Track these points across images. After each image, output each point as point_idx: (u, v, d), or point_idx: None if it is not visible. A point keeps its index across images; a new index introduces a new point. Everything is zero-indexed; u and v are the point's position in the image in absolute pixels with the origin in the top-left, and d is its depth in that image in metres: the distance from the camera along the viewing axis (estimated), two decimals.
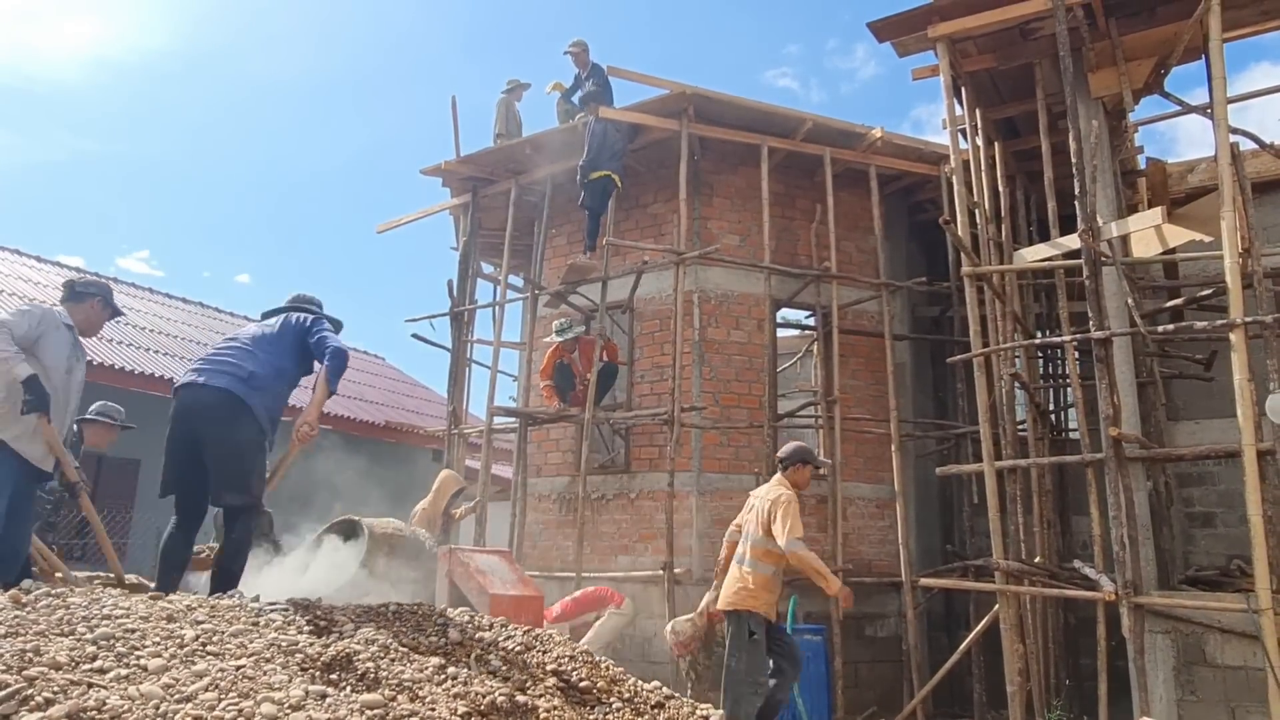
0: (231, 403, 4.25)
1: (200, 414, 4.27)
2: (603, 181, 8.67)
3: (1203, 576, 6.86)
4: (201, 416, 4.27)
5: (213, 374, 4.34)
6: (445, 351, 10.47)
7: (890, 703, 8.04)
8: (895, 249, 9.96)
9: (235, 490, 4.30)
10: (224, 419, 4.25)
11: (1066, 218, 7.14)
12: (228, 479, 4.29)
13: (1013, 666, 6.05)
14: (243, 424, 4.27)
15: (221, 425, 4.25)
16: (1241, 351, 5.40)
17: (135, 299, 15.18)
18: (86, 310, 4.73)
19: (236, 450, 4.28)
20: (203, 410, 4.27)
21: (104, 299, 4.82)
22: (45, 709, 2.03)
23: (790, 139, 9.02)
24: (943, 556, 9.25)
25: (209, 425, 4.26)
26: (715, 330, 8.86)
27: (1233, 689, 5.52)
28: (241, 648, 2.73)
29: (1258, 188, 7.56)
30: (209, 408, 4.26)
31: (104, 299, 4.82)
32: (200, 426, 4.28)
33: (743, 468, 8.52)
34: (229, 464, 4.29)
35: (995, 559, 6.26)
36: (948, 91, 7.24)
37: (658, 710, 3.51)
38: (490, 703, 2.83)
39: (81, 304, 4.72)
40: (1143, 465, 6.37)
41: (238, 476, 4.28)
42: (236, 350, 4.46)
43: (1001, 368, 7.07)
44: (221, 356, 4.44)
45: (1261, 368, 5.90)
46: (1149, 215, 6.65)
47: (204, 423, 4.26)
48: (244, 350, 4.46)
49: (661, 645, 7.84)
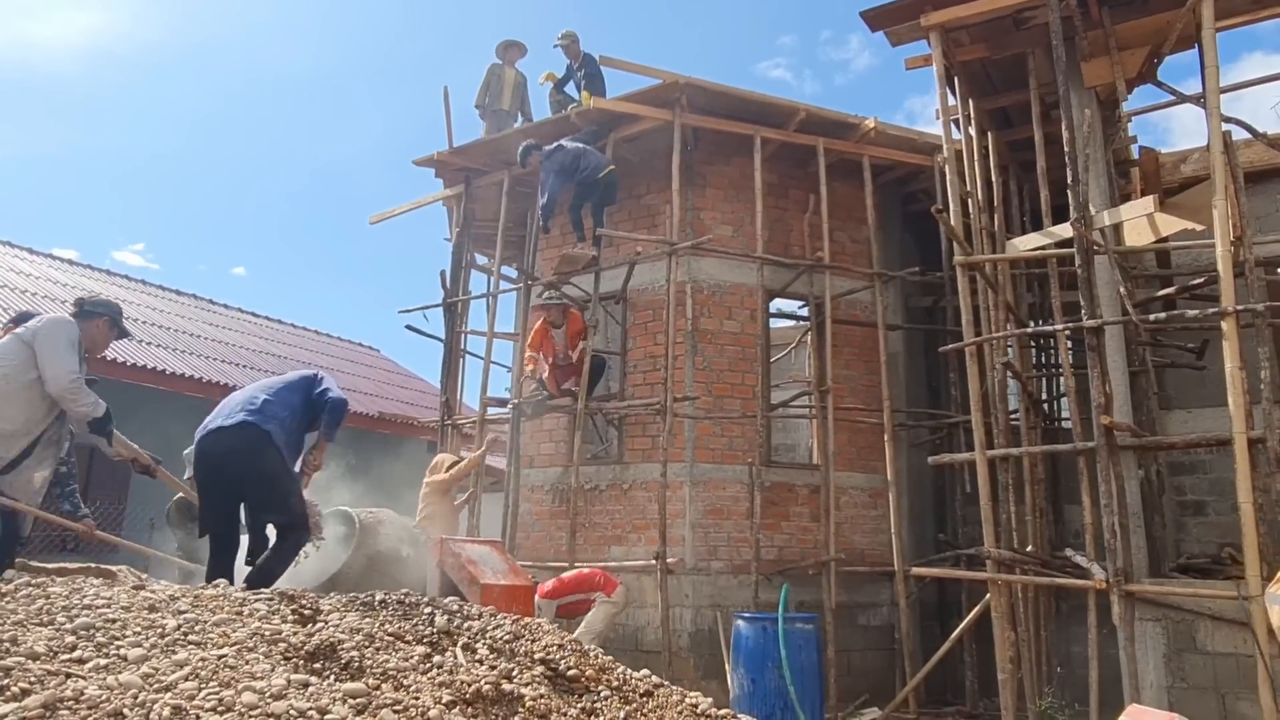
0: (251, 433, 4.47)
1: (226, 454, 4.48)
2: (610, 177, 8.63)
3: (1194, 564, 6.87)
4: (228, 455, 4.48)
5: (228, 415, 4.58)
6: (439, 343, 10.45)
7: (883, 691, 8.07)
8: (888, 239, 9.95)
9: (278, 511, 4.55)
10: (248, 451, 4.46)
11: (1059, 207, 7.12)
12: (268, 504, 4.56)
13: (1004, 654, 6.06)
14: (266, 451, 4.48)
15: (247, 458, 4.46)
16: (1233, 340, 5.40)
17: (129, 291, 15.13)
18: (93, 329, 4.74)
19: (267, 476, 4.50)
20: (228, 448, 4.48)
21: (111, 319, 4.84)
22: (21, 699, 2.01)
23: (783, 129, 8.99)
24: (935, 546, 9.26)
25: (236, 461, 4.47)
26: (708, 321, 8.84)
27: (1223, 676, 5.53)
28: (224, 637, 2.71)
29: (1250, 177, 7.55)
30: (232, 444, 4.47)
31: (111, 319, 4.84)
32: (228, 464, 4.49)
33: (736, 458, 8.52)
34: (265, 491, 4.53)
35: (987, 548, 6.26)
36: (941, 81, 7.21)
37: (646, 698, 3.51)
38: (476, 691, 2.82)
39: (89, 322, 4.72)
40: (1134, 454, 6.37)
41: (277, 499, 4.54)
42: (248, 393, 4.76)
43: (994, 357, 7.07)
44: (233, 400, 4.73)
45: (1253, 356, 5.90)
46: (1141, 204, 6.64)
47: (231, 459, 4.48)
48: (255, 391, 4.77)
49: (654, 635, 7.86)
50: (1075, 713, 6.86)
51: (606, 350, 9.37)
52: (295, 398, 4.75)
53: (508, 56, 10.46)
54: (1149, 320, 6.41)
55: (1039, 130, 7.28)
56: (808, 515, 8.70)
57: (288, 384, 4.83)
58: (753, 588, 7.96)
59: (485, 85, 10.31)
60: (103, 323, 4.77)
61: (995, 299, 7.32)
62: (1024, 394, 7.72)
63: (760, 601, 7.82)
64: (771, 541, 8.41)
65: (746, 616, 6.92)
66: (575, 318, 8.76)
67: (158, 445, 7.38)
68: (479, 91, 10.34)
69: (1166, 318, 6.53)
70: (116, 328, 4.86)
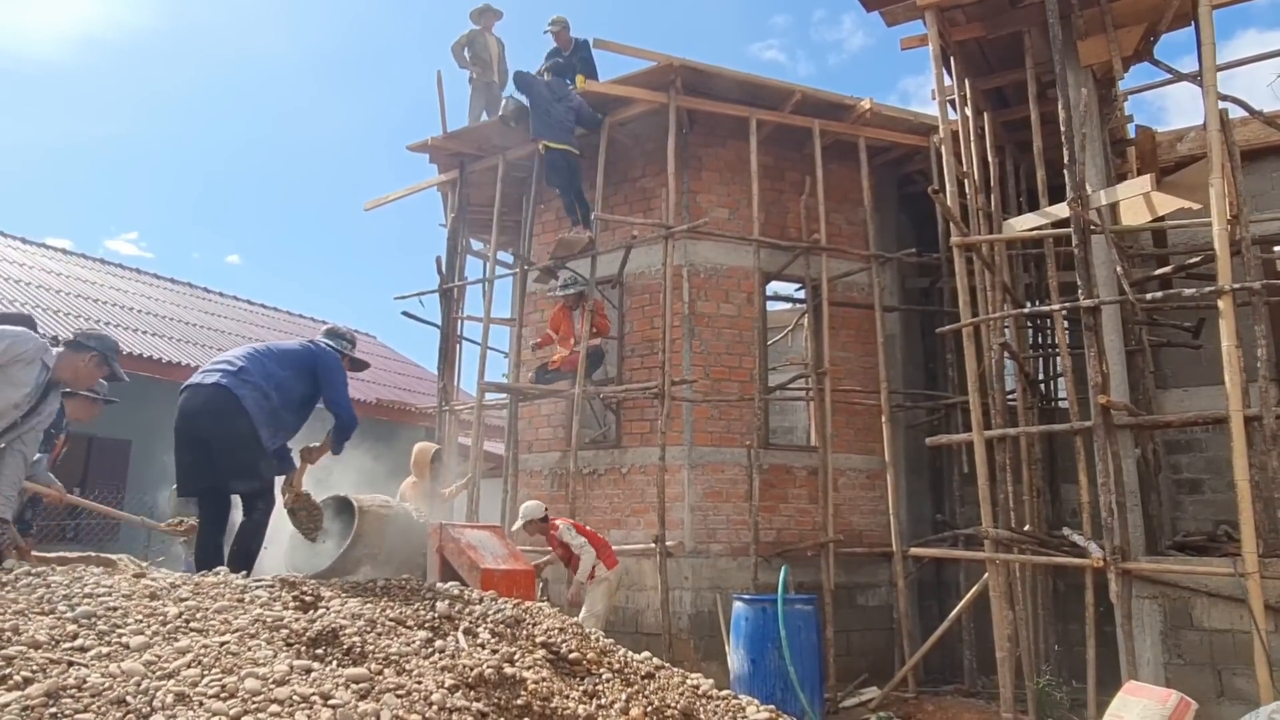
0: (222, 397, 4.42)
1: (198, 412, 4.44)
2: (554, 156, 8.66)
3: (1190, 542, 6.91)
4: (199, 414, 4.43)
5: (208, 373, 4.54)
6: (435, 329, 10.43)
7: (882, 670, 8.12)
8: (885, 221, 9.93)
9: (245, 478, 4.51)
10: (218, 413, 4.42)
11: (1056, 187, 7.10)
12: (233, 470, 4.49)
13: (1002, 633, 6.09)
14: (236, 417, 4.42)
15: (217, 420, 4.42)
16: (1229, 318, 5.40)
17: (123, 280, 15.07)
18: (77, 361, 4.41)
19: (235, 441, 4.44)
20: (200, 408, 4.43)
21: (102, 355, 4.47)
22: (23, 687, 2.02)
23: (779, 111, 8.95)
24: (933, 526, 9.30)
25: (207, 421, 4.42)
26: (705, 304, 8.83)
27: (1219, 652, 5.57)
28: (226, 624, 2.72)
29: (1246, 155, 7.54)
30: (203, 404, 4.43)
31: (102, 355, 4.47)
32: (200, 424, 4.44)
33: (734, 441, 8.53)
34: (235, 454, 4.47)
35: (984, 528, 6.29)
36: (936, 61, 7.18)
37: (648, 680, 3.53)
38: (478, 675, 2.83)
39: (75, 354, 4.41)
40: (1131, 433, 6.39)
41: (244, 465, 4.48)
42: (239, 353, 4.69)
43: (991, 338, 7.07)
44: (222, 358, 4.65)
45: (1249, 335, 5.92)
46: (1137, 183, 6.63)
47: (202, 419, 4.43)
48: (245, 353, 4.69)
49: (654, 618, 7.89)
50: (1073, 690, 6.92)
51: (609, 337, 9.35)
52: (284, 372, 4.65)
53: (484, 22, 10.21)
54: (1145, 299, 6.42)
55: (1035, 110, 7.26)
56: (806, 497, 8.72)
57: (281, 355, 4.73)
58: (752, 570, 7.99)
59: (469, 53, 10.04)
60: (90, 357, 4.44)
61: (992, 279, 7.32)
62: (1021, 374, 7.73)
63: (759, 583, 7.86)
64: (770, 524, 8.43)
65: (746, 598, 6.95)
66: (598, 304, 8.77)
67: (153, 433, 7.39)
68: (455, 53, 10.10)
69: (1163, 297, 6.54)
70: (106, 366, 4.51)
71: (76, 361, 4.43)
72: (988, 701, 7.23)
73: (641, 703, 3.20)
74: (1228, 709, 5.26)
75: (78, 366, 4.44)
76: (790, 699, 6.25)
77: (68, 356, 4.42)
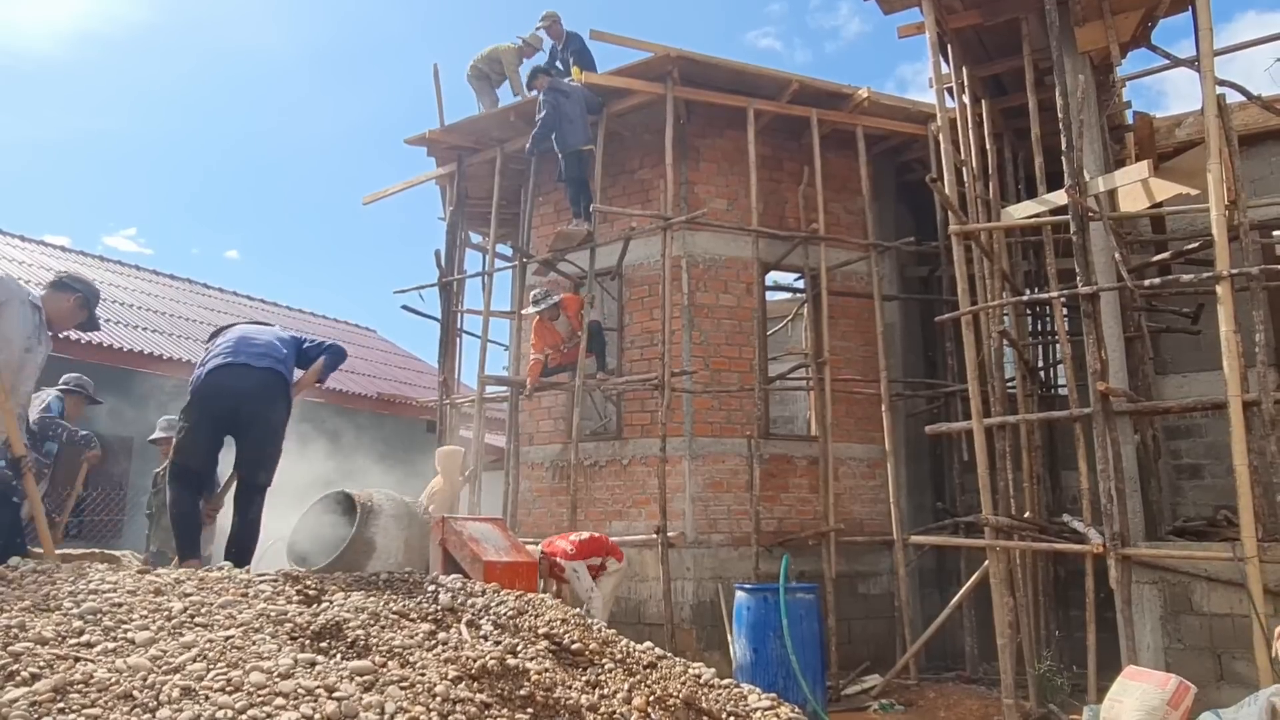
0: (277, 382, 4.49)
1: (246, 393, 4.43)
2: (584, 156, 8.66)
3: (1190, 527, 6.93)
4: (248, 395, 4.43)
5: (256, 357, 4.53)
6: (435, 322, 10.45)
7: (884, 658, 8.16)
8: (883, 209, 9.92)
9: (267, 469, 4.52)
10: (269, 398, 4.46)
11: (1054, 174, 7.10)
12: (264, 458, 4.50)
13: (1003, 620, 6.12)
14: (281, 404, 4.51)
15: (267, 404, 4.45)
16: (1227, 304, 5.41)
17: (122, 277, 15.06)
18: (61, 302, 4.53)
19: (274, 428, 4.51)
20: (250, 389, 4.43)
21: (84, 298, 4.60)
22: (31, 684, 2.04)
23: (776, 101, 8.94)
24: (934, 514, 9.33)
25: (257, 404, 4.43)
26: (704, 295, 8.84)
27: (1219, 636, 5.60)
28: (230, 619, 2.74)
29: (1244, 140, 7.54)
30: (256, 387, 4.43)
31: (84, 298, 4.60)
32: (245, 404, 4.43)
33: (734, 431, 8.55)
34: (268, 443, 4.50)
35: (985, 515, 6.31)
36: (933, 49, 7.17)
37: (650, 670, 3.55)
38: (481, 666, 2.85)
39: (59, 294, 4.54)
40: (1130, 419, 6.41)
41: (272, 456, 4.52)
42: (269, 340, 4.71)
43: (990, 326, 7.08)
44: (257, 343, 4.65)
45: (1248, 320, 5.92)
46: (1135, 169, 6.62)
47: (250, 399, 4.42)
48: (276, 340, 4.74)
49: (656, 608, 7.93)
50: (1074, 676, 6.96)
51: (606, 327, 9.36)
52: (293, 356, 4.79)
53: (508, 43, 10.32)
54: (1144, 286, 6.42)
55: (1033, 97, 7.25)
56: (807, 486, 8.74)
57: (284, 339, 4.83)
58: (753, 559, 8.02)
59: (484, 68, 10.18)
60: (73, 299, 4.55)
61: (991, 267, 7.32)
62: (1020, 362, 7.74)
63: (761, 573, 7.89)
64: (771, 513, 8.46)
65: (747, 588, 6.98)
66: (570, 302, 8.69)
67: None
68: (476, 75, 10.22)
69: (1161, 283, 6.55)
70: (86, 309, 4.64)
71: (60, 301, 4.53)
72: (989, 688, 7.27)
73: (644, 692, 3.22)
74: (1227, 692, 5.28)
75: (61, 306, 4.53)
76: (792, 687, 6.29)
77: (52, 296, 4.51)
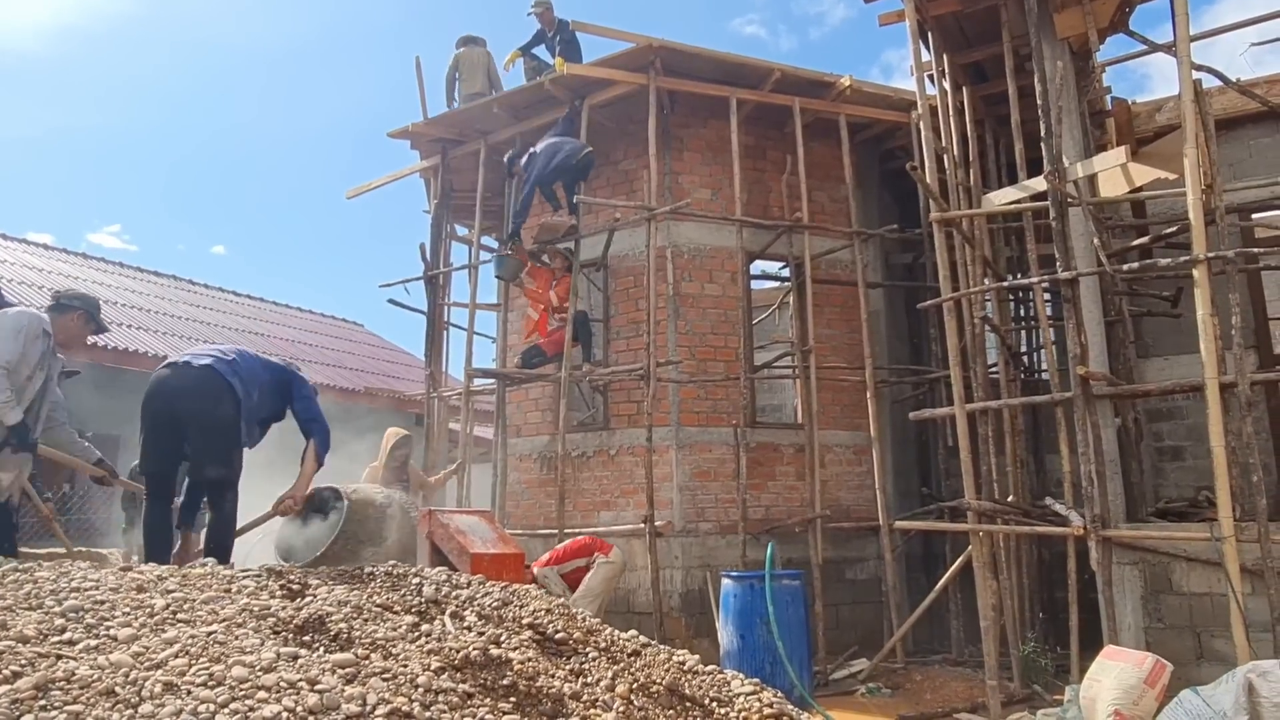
0: (214, 380, 4.46)
1: (184, 391, 4.44)
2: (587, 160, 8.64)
3: (1172, 508, 7.01)
4: (185, 393, 4.44)
5: (197, 356, 4.57)
6: (421, 315, 10.44)
7: (871, 642, 8.24)
8: (867, 197, 9.95)
9: (219, 463, 4.50)
10: (206, 394, 4.43)
11: (1035, 160, 7.14)
12: (210, 453, 4.49)
13: (986, 603, 6.19)
14: (225, 401, 4.46)
15: (203, 401, 4.43)
16: (1205, 287, 5.46)
17: (107, 274, 14.98)
18: (67, 323, 4.67)
19: (217, 425, 4.46)
20: (189, 387, 4.44)
21: (87, 313, 4.75)
22: (13, 681, 2.05)
23: (759, 90, 8.94)
24: (919, 499, 9.40)
25: (193, 401, 4.43)
26: (689, 285, 8.86)
27: (1198, 615, 5.68)
28: (213, 614, 2.75)
29: (1223, 124, 7.58)
30: (192, 384, 4.44)
31: (87, 313, 4.75)
32: (182, 403, 4.44)
33: (720, 420, 8.59)
34: (211, 438, 4.47)
35: (968, 500, 6.37)
36: (914, 36, 7.18)
37: (634, 658, 3.58)
38: (464, 657, 2.87)
39: (63, 316, 4.65)
40: (1110, 402, 6.46)
41: (221, 451, 4.49)
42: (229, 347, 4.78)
43: (972, 312, 7.12)
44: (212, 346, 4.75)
45: (1225, 303, 5.98)
46: (1113, 155, 6.66)
47: (188, 399, 4.43)
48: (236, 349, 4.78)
49: (645, 597, 7.97)
50: (1058, 656, 7.04)
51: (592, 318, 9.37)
52: (266, 375, 4.77)
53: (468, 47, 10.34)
54: (1124, 270, 6.47)
55: (1013, 83, 7.28)
56: (793, 474, 8.80)
57: (265, 361, 4.87)
58: (741, 547, 8.07)
59: (451, 76, 10.19)
60: (77, 316, 4.70)
61: (973, 254, 7.36)
62: (1003, 347, 7.80)
63: (748, 560, 7.94)
64: (758, 501, 8.51)
65: (734, 575, 7.03)
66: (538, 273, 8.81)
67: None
68: (446, 86, 10.22)
69: (1140, 267, 6.59)
70: (93, 322, 4.79)
71: (66, 323, 4.64)
72: (975, 670, 7.35)
73: (627, 679, 3.25)
74: (1207, 670, 5.36)
75: (69, 327, 4.66)
76: (779, 672, 6.35)
77: (57, 320, 4.59)
